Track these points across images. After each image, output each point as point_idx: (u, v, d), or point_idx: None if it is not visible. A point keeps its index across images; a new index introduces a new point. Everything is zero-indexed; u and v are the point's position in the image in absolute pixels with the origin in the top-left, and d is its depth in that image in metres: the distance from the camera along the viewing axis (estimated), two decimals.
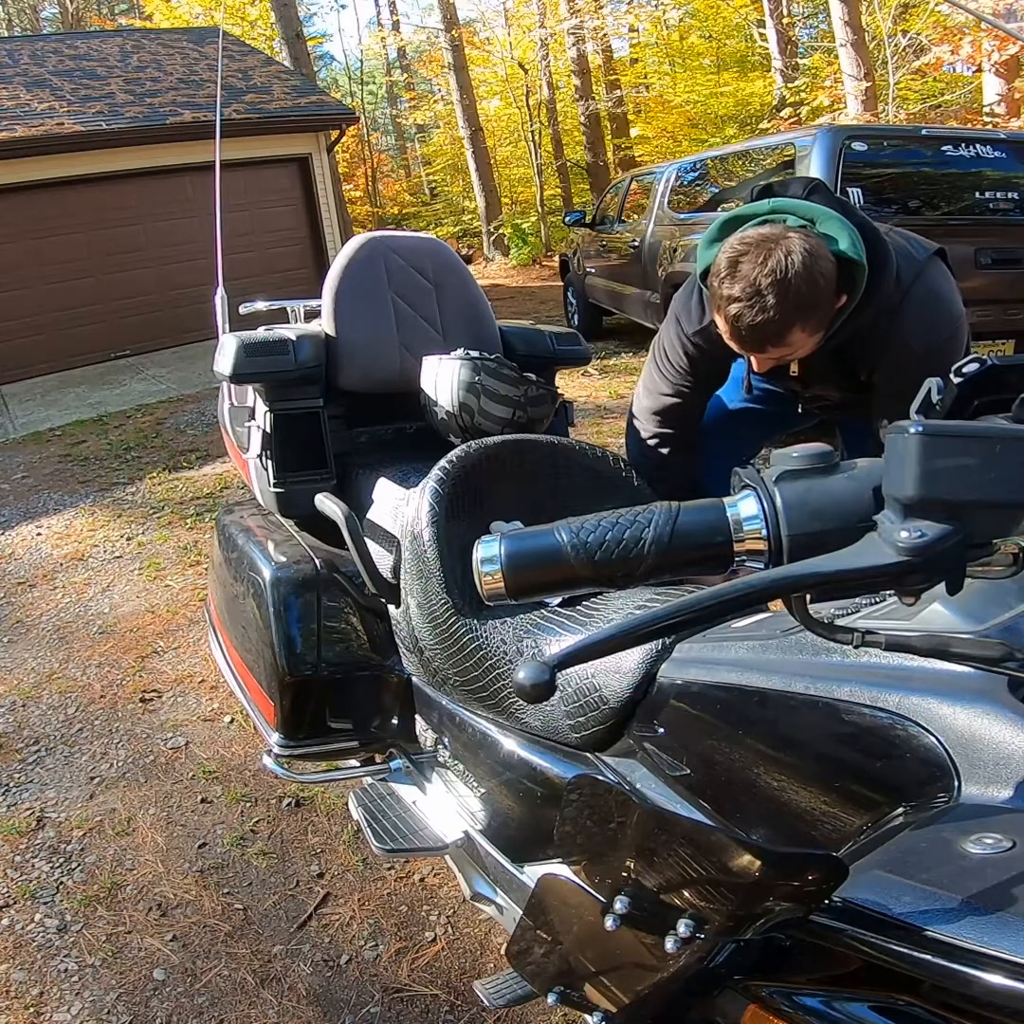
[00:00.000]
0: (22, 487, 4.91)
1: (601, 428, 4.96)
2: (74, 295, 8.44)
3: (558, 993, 0.72)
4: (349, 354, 1.77)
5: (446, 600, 1.20)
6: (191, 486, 4.61)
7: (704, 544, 0.64)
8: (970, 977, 0.46)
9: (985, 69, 8.56)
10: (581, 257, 7.65)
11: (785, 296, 1.29)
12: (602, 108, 15.86)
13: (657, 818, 0.57)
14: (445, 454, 1.30)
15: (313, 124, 9.93)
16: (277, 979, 1.64)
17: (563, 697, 1.05)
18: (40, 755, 2.37)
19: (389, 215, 20.76)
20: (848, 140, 4.01)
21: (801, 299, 1.30)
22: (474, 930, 1.73)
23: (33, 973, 1.68)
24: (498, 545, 0.66)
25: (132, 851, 1.98)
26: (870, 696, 0.68)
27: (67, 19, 21.40)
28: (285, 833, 2.02)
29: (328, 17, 47.48)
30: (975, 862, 0.52)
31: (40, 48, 10.29)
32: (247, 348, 1.64)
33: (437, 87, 21.53)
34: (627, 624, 0.58)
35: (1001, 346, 4.02)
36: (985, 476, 0.53)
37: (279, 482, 1.70)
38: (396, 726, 1.51)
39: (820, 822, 0.71)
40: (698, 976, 0.61)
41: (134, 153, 8.49)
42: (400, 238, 1.93)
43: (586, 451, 1.39)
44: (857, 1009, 0.55)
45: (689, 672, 0.90)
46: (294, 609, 1.47)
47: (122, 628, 3.08)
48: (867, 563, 0.55)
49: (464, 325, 1.88)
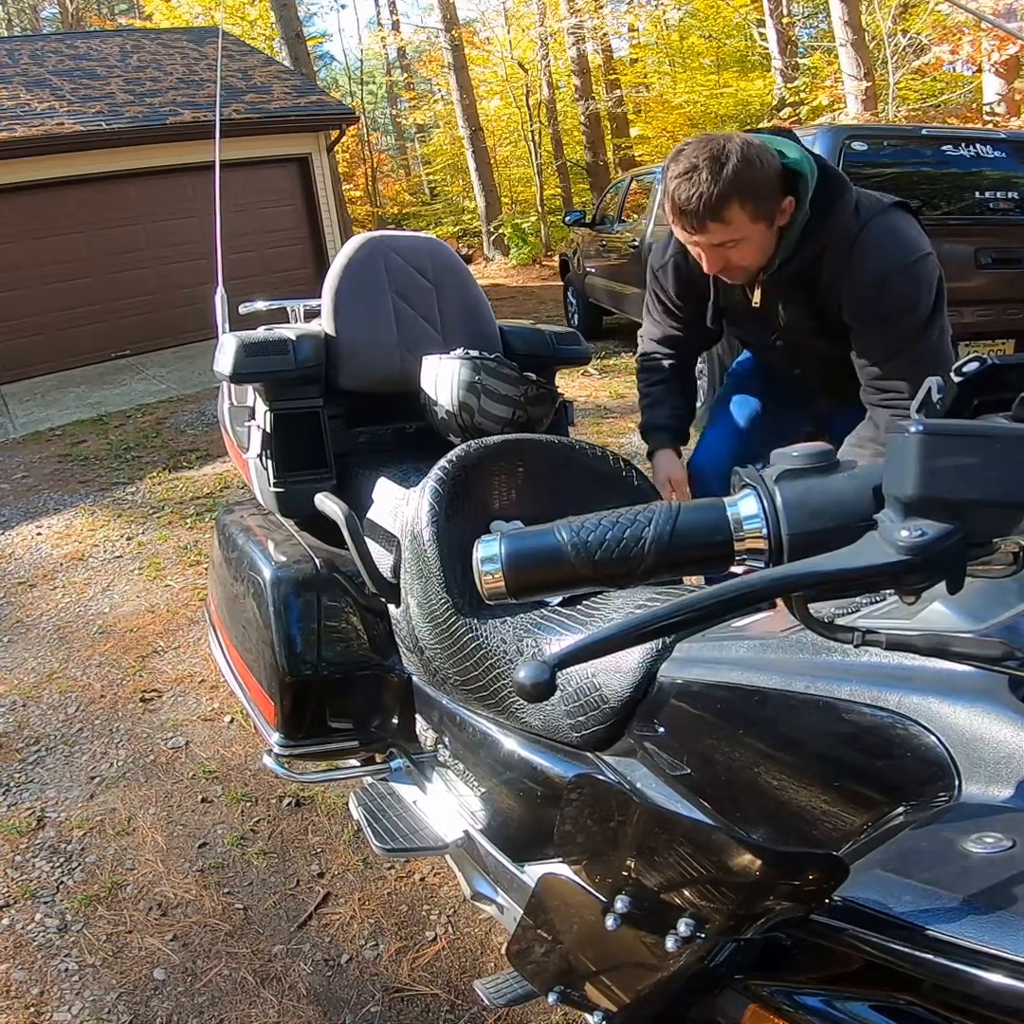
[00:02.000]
0: (22, 487, 4.91)
1: (601, 428, 4.96)
2: (74, 295, 8.43)
3: (558, 992, 0.72)
4: (349, 354, 1.76)
5: (446, 600, 1.20)
6: (191, 486, 4.61)
7: (704, 543, 0.64)
8: (971, 976, 0.46)
9: (985, 69, 8.57)
10: (581, 257, 7.65)
11: (721, 170, 1.40)
12: (602, 108, 15.85)
13: (657, 817, 0.57)
14: (445, 454, 1.30)
15: (313, 124, 9.93)
16: (277, 978, 1.64)
17: (563, 696, 1.05)
18: (40, 755, 2.37)
19: (389, 215, 20.75)
20: (848, 140, 4.01)
21: (737, 175, 1.40)
22: (474, 930, 1.73)
23: (33, 973, 1.68)
24: (498, 544, 0.66)
25: (132, 851, 1.98)
26: (870, 695, 0.68)
27: (67, 19, 21.41)
28: (285, 833, 2.02)
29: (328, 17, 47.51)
30: (976, 861, 0.52)
31: (40, 48, 10.29)
32: (247, 348, 1.64)
33: (437, 87, 21.53)
34: (627, 624, 0.58)
35: (1001, 346, 4.02)
36: (985, 475, 0.53)
37: (279, 482, 1.70)
38: (396, 726, 1.51)
39: (820, 821, 0.71)
40: (698, 976, 0.61)
41: (134, 153, 8.48)
42: (400, 238, 1.92)
43: (586, 451, 1.39)
44: (857, 1008, 0.55)
45: (689, 672, 0.90)
46: (294, 609, 1.48)
47: (122, 628, 3.08)
48: (867, 562, 0.55)
49: (464, 325, 1.88)
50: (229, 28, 14.98)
